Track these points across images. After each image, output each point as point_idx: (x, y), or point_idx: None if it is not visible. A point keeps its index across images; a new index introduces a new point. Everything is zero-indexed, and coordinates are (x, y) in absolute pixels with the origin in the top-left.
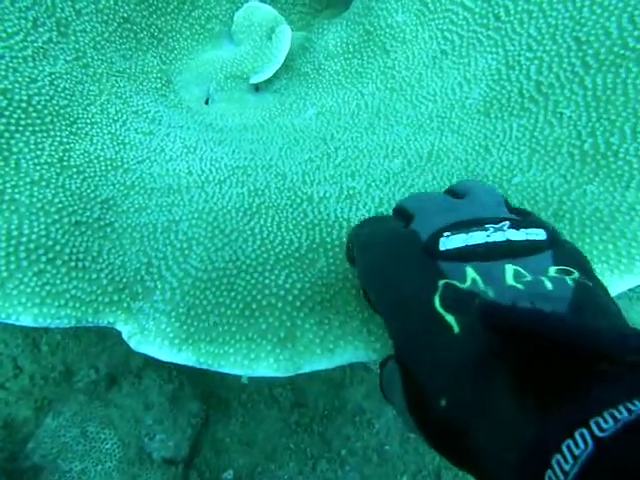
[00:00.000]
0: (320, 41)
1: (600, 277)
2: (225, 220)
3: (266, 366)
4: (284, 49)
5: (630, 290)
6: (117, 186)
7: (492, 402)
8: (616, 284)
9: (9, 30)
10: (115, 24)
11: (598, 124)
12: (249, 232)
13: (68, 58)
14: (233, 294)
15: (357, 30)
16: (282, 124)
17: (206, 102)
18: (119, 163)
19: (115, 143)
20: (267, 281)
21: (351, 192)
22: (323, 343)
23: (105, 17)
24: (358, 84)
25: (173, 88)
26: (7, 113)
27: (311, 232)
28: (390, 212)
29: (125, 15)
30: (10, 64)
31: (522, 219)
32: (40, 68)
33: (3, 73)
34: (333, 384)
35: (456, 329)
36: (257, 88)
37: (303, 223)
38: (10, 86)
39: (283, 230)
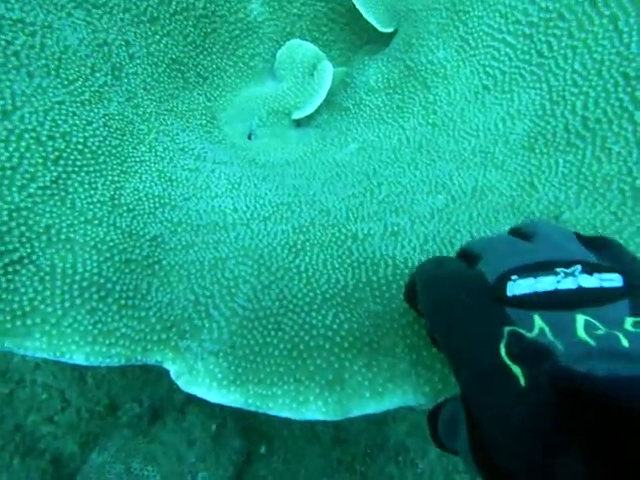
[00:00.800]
0: (361, 77)
1: None
2: (271, 257)
3: (315, 409)
4: (326, 85)
5: None
6: (165, 223)
7: (562, 467)
8: None
9: (70, 77)
10: (164, 65)
11: None
12: (295, 270)
13: (120, 100)
14: (280, 334)
15: (398, 66)
16: (324, 159)
17: (249, 137)
18: (167, 200)
19: (163, 180)
20: (314, 321)
21: (395, 229)
22: (372, 386)
23: (155, 59)
24: (399, 119)
25: (217, 124)
26: (65, 155)
27: (357, 270)
28: (437, 251)
29: (174, 56)
30: (70, 108)
31: (596, 264)
32: (95, 110)
33: (64, 117)
34: (375, 420)
35: (522, 382)
36: (299, 123)
37: (348, 261)
38: (69, 129)
39: (329, 268)
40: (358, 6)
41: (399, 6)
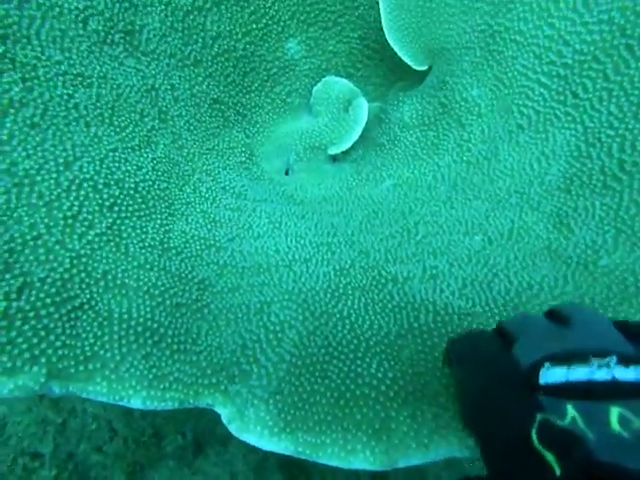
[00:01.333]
0: (395, 113)
1: None
2: (314, 302)
3: (362, 459)
4: (361, 121)
5: None
6: (211, 266)
7: None
8: None
9: (122, 124)
10: (206, 105)
11: None
12: (338, 315)
13: (166, 142)
14: (327, 382)
15: (432, 103)
16: (360, 195)
17: (286, 173)
18: (212, 242)
19: (207, 221)
20: (359, 369)
21: (434, 272)
22: (417, 437)
23: (198, 100)
24: (434, 156)
25: (256, 160)
26: (119, 201)
27: (398, 316)
28: (476, 295)
29: (215, 96)
30: (122, 155)
31: (633, 356)
32: (145, 155)
33: (117, 164)
34: None
35: (557, 471)
36: (334, 158)
37: (390, 306)
38: (122, 176)
39: (371, 313)
40: (393, 45)
41: (433, 44)
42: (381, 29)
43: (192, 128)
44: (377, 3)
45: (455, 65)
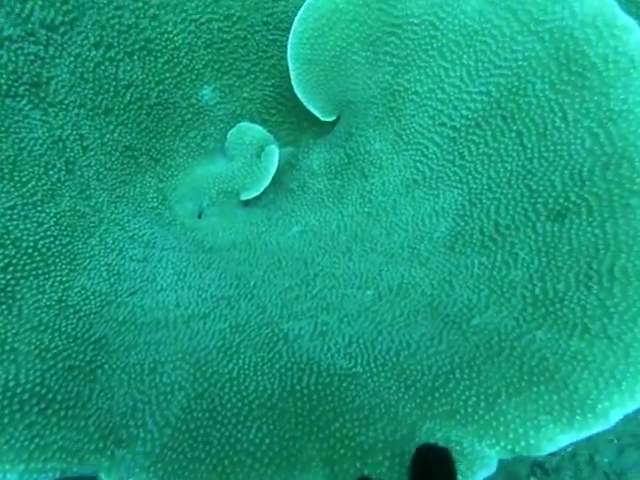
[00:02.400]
0: (306, 160)
1: (544, 429)
2: (207, 362)
3: None
4: (272, 168)
5: None
6: (110, 323)
7: None
8: (559, 438)
9: (24, 179)
10: (117, 153)
11: (547, 269)
12: (227, 376)
13: (73, 194)
14: (208, 448)
15: (339, 153)
16: (268, 241)
17: (199, 216)
18: (113, 297)
19: (111, 275)
20: (239, 434)
21: (324, 328)
22: None
23: (108, 148)
24: (339, 204)
25: (168, 204)
26: (15, 261)
27: (284, 377)
28: (359, 354)
29: (127, 144)
30: (22, 212)
31: None
32: (47, 210)
33: (15, 223)
34: None
35: None
36: (246, 202)
37: (277, 366)
38: (20, 234)
39: (259, 374)
40: (301, 97)
41: (340, 97)
42: None
43: (102, 177)
44: None
45: (360, 118)
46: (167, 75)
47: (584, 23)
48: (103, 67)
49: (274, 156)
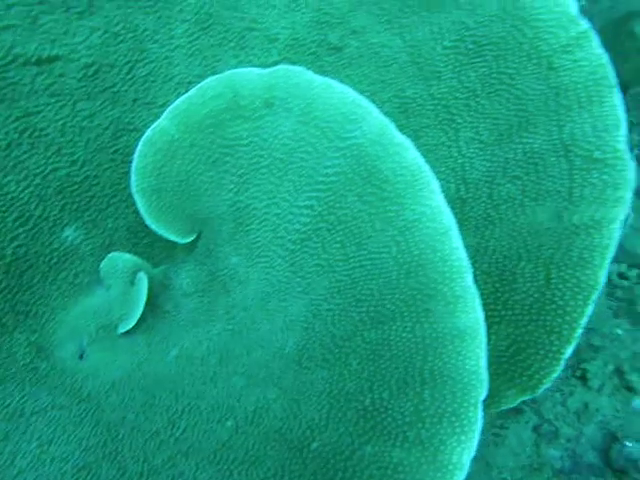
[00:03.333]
0: (177, 279)
1: None
2: None
3: None
4: (142, 298)
5: None
6: None
7: None
8: None
9: None
10: None
11: (375, 378)
12: None
13: None
14: None
15: (204, 270)
16: (147, 372)
17: (81, 356)
18: None
19: None
20: None
21: None
22: None
23: None
24: (209, 323)
25: (46, 354)
26: None
27: None
28: None
29: None
30: None
31: None
32: None
33: None
34: None
35: None
36: (127, 332)
37: None
38: None
39: None
40: (154, 228)
41: (194, 216)
42: None
43: None
44: None
45: (217, 234)
46: (20, 230)
47: (372, 141)
48: None
49: (143, 284)
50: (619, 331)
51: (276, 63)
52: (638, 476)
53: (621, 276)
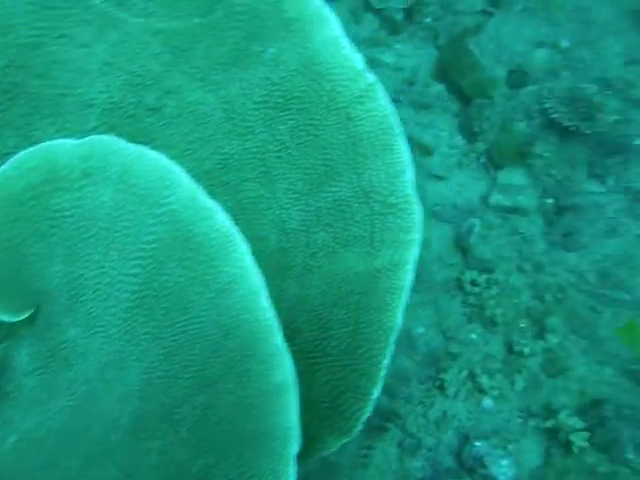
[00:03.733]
0: (17, 357)
1: None
2: None
3: None
4: None
5: None
6: None
7: None
8: None
9: None
10: None
11: (202, 445)
12: None
13: None
14: None
15: (44, 345)
16: None
17: None
18: None
19: None
20: None
21: None
22: None
23: None
24: (51, 401)
25: None
26: None
27: None
28: None
29: None
30: None
31: None
32: None
33: None
34: None
35: None
36: None
37: None
38: None
39: None
40: None
41: (28, 290)
42: None
43: None
44: None
45: (54, 306)
46: None
47: (186, 206)
48: None
49: None
50: (473, 336)
51: (95, 128)
52: (484, 471)
53: (473, 283)
